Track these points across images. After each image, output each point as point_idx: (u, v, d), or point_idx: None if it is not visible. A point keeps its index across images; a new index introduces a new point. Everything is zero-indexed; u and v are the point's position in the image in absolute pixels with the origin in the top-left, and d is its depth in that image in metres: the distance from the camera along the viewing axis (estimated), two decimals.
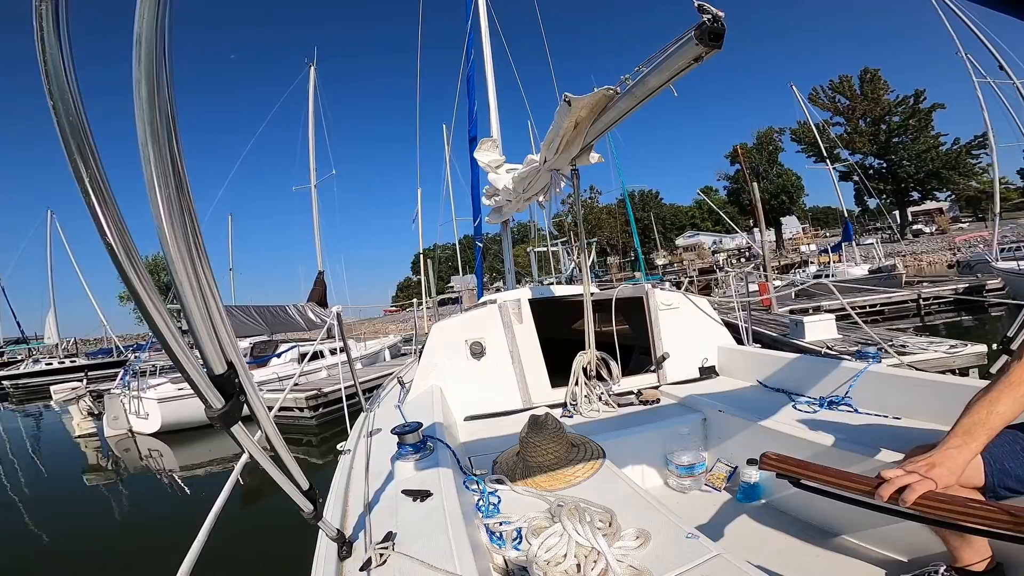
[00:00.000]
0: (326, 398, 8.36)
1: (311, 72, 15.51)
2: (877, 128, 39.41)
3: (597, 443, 1.86)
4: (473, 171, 6.94)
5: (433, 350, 2.85)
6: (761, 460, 1.21)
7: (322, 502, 1.11)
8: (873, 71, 39.75)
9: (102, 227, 0.64)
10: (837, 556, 1.62)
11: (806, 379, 2.41)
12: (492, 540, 1.28)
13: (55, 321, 26.07)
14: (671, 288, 4.02)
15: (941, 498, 0.96)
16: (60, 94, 0.60)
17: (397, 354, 14.68)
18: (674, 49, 1.51)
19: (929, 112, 37.58)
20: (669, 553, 1.16)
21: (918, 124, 36.95)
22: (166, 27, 0.65)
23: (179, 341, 0.74)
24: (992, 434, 1.09)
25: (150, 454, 8.20)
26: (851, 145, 39.26)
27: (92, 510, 6.15)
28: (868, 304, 11.89)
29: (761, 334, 8.86)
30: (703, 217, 55.85)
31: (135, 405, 8.80)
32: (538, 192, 3.49)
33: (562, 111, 2.12)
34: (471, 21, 6.41)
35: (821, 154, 27.21)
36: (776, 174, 46.56)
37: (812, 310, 11.38)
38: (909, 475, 1.01)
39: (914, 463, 1.05)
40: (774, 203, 45.50)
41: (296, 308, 12.76)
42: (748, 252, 38.60)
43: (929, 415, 1.84)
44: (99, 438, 9.30)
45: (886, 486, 0.99)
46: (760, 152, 47.29)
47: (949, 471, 1.02)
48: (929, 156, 36.72)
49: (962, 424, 1.11)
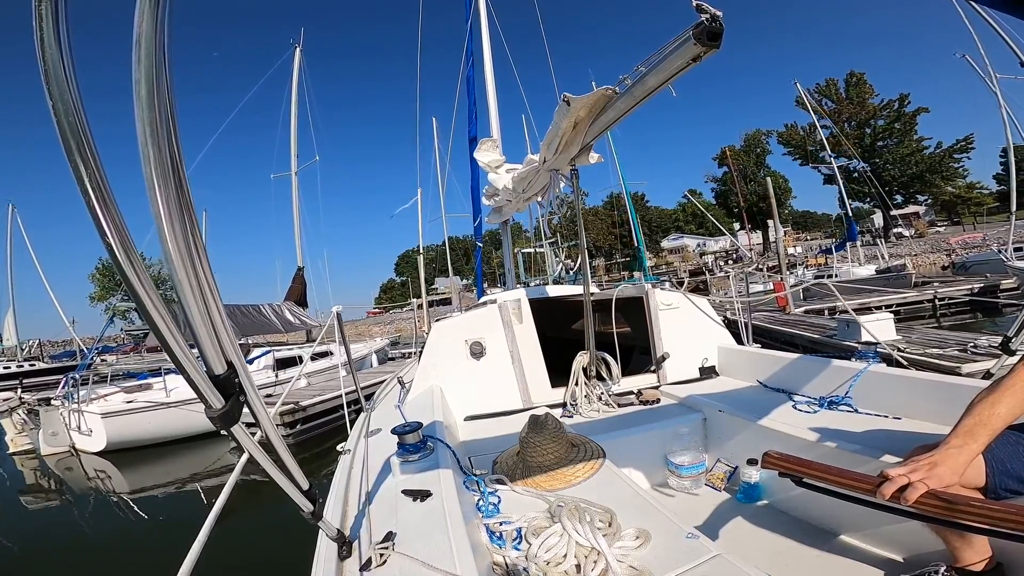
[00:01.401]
0: (304, 413, 7.21)
1: (296, 53, 14.38)
2: (862, 132, 39.81)
3: (597, 443, 1.86)
4: (473, 171, 6.94)
5: (433, 350, 2.85)
6: (764, 459, 1.21)
7: (322, 502, 1.11)
8: (859, 75, 40.16)
9: (102, 227, 0.64)
10: (837, 556, 1.62)
11: (806, 379, 2.41)
12: (492, 540, 1.28)
13: (14, 321, 23.98)
14: (671, 288, 4.02)
15: (943, 497, 0.96)
16: (60, 94, 0.60)
17: (384, 359, 13.45)
18: (673, 49, 1.51)
19: (913, 116, 38.08)
20: (669, 553, 1.16)
21: (903, 128, 37.28)
22: (166, 27, 0.65)
23: (179, 341, 0.74)
24: (993, 435, 1.09)
25: (96, 475, 6.96)
26: (837, 148, 39.68)
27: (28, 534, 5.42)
28: (884, 304, 11.53)
29: (796, 336, 8.41)
30: (687, 220, 56.17)
31: (76, 420, 7.47)
32: (538, 192, 3.49)
33: (561, 111, 2.12)
34: (471, 21, 6.41)
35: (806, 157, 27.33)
36: (763, 176, 46.99)
37: (828, 311, 11.08)
38: (911, 474, 1.01)
39: (916, 462, 1.05)
40: (762, 205, 45.99)
41: (272, 308, 11.52)
42: (736, 254, 39.15)
43: (929, 415, 1.84)
44: (37, 456, 8.12)
45: (888, 485, 1.00)
46: (748, 154, 47.69)
47: (951, 470, 1.02)
48: (913, 159, 37.12)
49: (964, 424, 1.11)
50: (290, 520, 4.24)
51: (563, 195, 2.76)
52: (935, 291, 11.97)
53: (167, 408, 7.65)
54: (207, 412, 0.80)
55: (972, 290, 11.84)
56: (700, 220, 49.06)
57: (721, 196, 49.95)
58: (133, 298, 0.70)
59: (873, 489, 1.02)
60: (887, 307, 11.28)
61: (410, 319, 13.69)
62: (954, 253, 21.56)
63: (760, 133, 47.78)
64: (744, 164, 47.21)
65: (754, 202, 46.48)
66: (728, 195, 48.27)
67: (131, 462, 7.27)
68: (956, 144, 37.18)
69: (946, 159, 36.84)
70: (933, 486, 0.98)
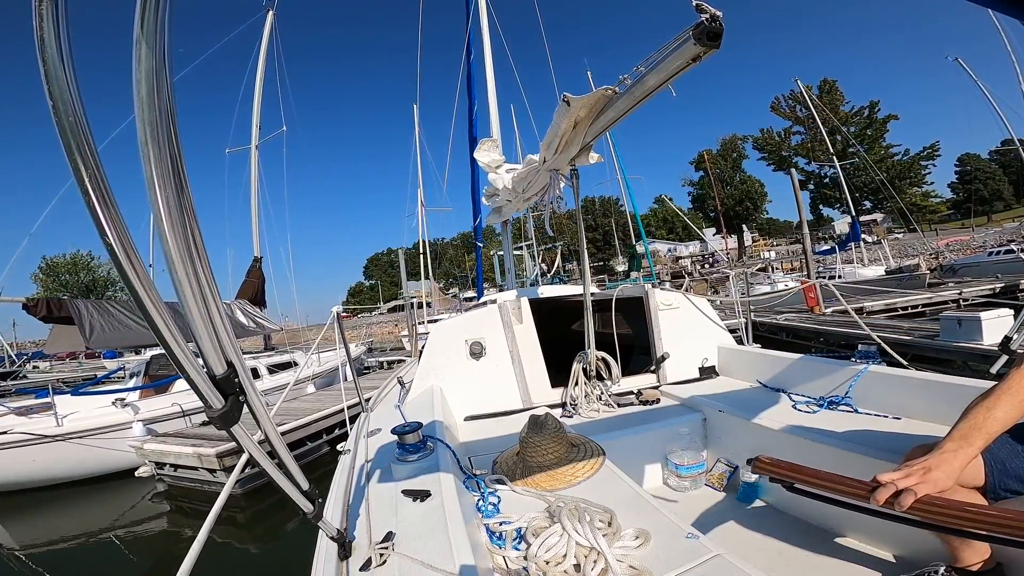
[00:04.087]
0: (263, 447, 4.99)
1: (268, 17, 12.16)
2: (834, 138, 40.34)
3: (597, 443, 1.86)
4: (473, 171, 6.95)
5: (433, 350, 2.85)
6: (754, 464, 1.19)
7: (322, 502, 1.11)
8: (831, 82, 40.74)
9: (102, 227, 0.64)
10: (837, 556, 1.62)
11: (806, 379, 2.42)
12: (492, 540, 1.28)
13: None
14: (671, 288, 4.02)
15: (938, 502, 0.95)
16: (60, 94, 0.60)
17: (361, 369, 11.21)
18: (672, 49, 1.51)
19: (884, 123, 38.74)
20: (669, 553, 1.16)
21: (873, 134, 37.63)
22: (166, 27, 0.65)
23: (179, 341, 0.75)
24: (989, 439, 1.08)
25: None
26: (811, 154, 40.22)
27: None
28: (911, 305, 11.30)
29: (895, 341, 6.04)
30: (657, 225, 56.53)
31: None
32: (538, 192, 3.49)
33: (561, 111, 2.12)
34: (471, 21, 6.42)
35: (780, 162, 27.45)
36: (740, 180, 47.29)
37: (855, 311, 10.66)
38: (905, 479, 1.00)
39: (910, 467, 1.04)
40: (739, 209, 46.41)
41: None
42: (712, 258, 39.69)
43: (929, 415, 1.84)
44: None
45: (882, 490, 0.99)
46: (725, 159, 48.03)
47: (945, 475, 1.02)
48: (883, 166, 37.50)
49: (959, 428, 1.10)
50: (290, 520, 4.27)
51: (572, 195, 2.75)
52: (960, 291, 11.74)
53: (57, 442, 5.86)
54: (207, 412, 0.80)
55: (994, 290, 11.66)
56: (670, 226, 49.23)
57: (698, 200, 50.26)
58: (133, 298, 0.70)
59: (866, 494, 1.01)
60: (913, 308, 11.18)
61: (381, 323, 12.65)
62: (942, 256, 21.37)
63: (736, 138, 48.34)
64: (721, 168, 47.59)
65: (731, 206, 46.82)
66: (705, 199, 48.61)
67: (13, 510, 5.68)
68: (923, 151, 38.54)
69: (915, 165, 37.47)
70: (927, 491, 0.97)
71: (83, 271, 31.73)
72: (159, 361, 7.90)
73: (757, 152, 45.36)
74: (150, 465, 5.78)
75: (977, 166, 51.88)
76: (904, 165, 37.65)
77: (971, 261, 17.36)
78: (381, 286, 59.89)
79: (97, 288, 31.78)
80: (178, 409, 6.60)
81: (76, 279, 31.26)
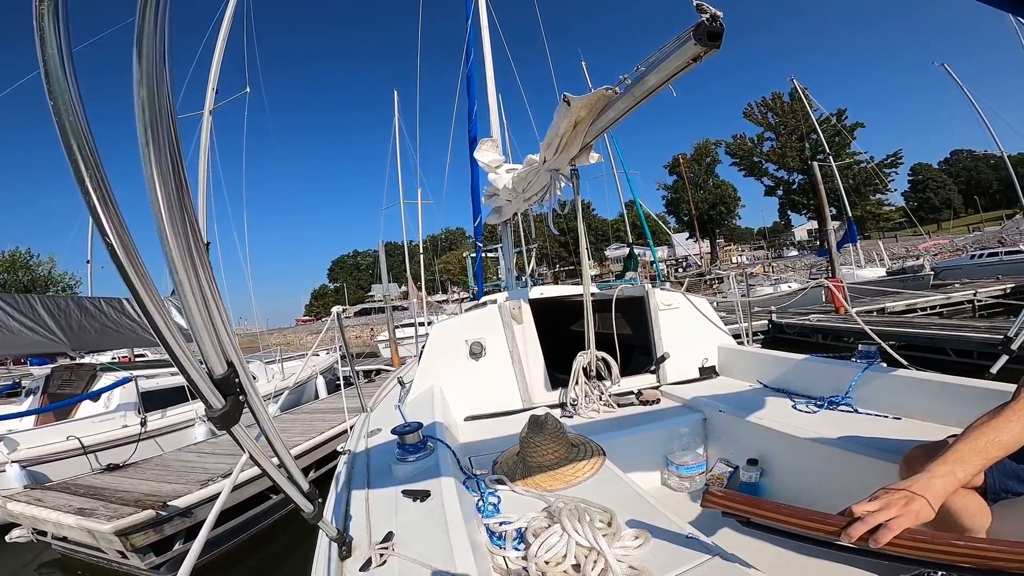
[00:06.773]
0: (194, 518, 3.21)
1: None
2: (803, 144, 40.76)
3: (597, 443, 1.86)
4: (473, 171, 6.95)
5: (433, 350, 2.85)
6: (703, 498, 1.09)
7: (322, 502, 1.11)
8: (802, 88, 41.11)
9: (102, 227, 0.64)
10: (837, 556, 1.62)
11: (806, 379, 2.42)
12: (492, 540, 1.28)
13: None
14: (671, 288, 4.03)
15: (920, 536, 0.86)
16: (60, 94, 0.60)
17: (334, 383, 9.08)
18: (673, 49, 1.51)
19: (851, 130, 39.07)
20: (669, 553, 1.16)
21: (840, 142, 38.01)
22: (166, 27, 0.65)
23: (179, 341, 0.74)
24: (987, 464, 1.00)
25: None
26: (781, 160, 40.71)
27: None
28: (930, 306, 11.34)
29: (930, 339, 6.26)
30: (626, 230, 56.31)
31: None
32: (537, 192, 3.49)
33: (561, 111, 2.12)
34: (471, 22, 6.42)
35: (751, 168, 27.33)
36: (713, 185, 47.68)
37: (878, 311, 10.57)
38: (883, 511, 0.88)
39: (889, 495, 0.92)
40: (712, 213, 46.93)
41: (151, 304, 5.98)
42: (685, 262, 40.35)
43: (929, 415, 1.84)
44: None
45: (857, 525, 0.88)
46: (699, 163, 48.44)
47: (927, 506, 0.90)
48: (850, 172, 37.81)
49: (956, 449, 0.99)
50: (290, 520, 4.24)
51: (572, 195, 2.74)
52: (975, 291, 11.80)
53: None
54: (207, 412, 0.80)
55: (1005, 291, 11.76)
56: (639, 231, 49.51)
57: (672, 204, 50.55)
58: (134, 298, 0.70)
59: (837, 530, 0.91)
60: (932, 308, 11.23)
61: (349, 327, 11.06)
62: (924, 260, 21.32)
63: (710, 143, 48.66)
64: (695, 172, 47.89)
65: (705, 210, 47.12)
66: (679, 203, 48.89)
67: None
68: (886, 159, 39.56)
69: (880, 173, 38.25)
70: (907, 524, 0.86)
71: (21, 270, 28.88)
72: (61, 376, 5.93)
73: (729, 157, 45.91)
74: (27, 529, 3.69)
75: (929, 175, 55.15)
76: (869, 172, 38.17)
77: (953, 264, 17.42)
78: (347, 289, 59.15)
79: (37, 288, 28.46)
80: (76, 444, 4.24)
81: (15, 278, 28.17)
